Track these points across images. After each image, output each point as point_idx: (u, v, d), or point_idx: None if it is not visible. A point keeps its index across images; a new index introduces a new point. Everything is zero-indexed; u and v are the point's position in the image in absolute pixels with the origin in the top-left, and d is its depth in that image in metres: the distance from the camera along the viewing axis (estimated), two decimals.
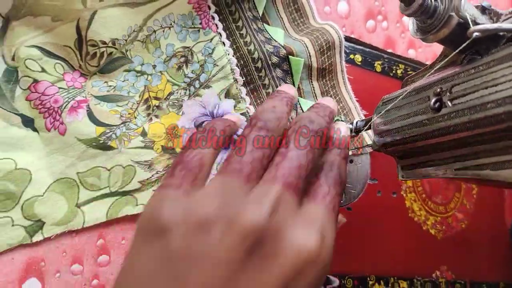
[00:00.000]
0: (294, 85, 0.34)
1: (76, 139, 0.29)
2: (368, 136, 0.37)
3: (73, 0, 0.27)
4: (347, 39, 0.40)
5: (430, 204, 0.41)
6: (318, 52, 0.34)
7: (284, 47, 0.33)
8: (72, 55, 0.29)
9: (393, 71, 0.42)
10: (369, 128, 0.30)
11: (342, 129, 0.26)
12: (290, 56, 0.33)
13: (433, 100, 0.24)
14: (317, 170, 0.23)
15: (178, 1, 0.31)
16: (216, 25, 0.32)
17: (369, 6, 0.43)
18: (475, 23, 0.22)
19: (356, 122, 0.32)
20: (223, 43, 0.32)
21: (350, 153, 0.36)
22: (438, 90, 0.24)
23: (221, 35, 0.33)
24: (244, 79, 0.32)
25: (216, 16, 0.32)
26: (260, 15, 0.34)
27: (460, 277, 0.41)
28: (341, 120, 0.32)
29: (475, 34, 0.21)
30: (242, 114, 0.32)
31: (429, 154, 0.26)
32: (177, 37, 0.31)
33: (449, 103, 0.23)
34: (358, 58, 0.40)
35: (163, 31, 0.31)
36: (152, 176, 0.30)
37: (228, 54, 0.32)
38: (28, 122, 0.28)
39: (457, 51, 0.23)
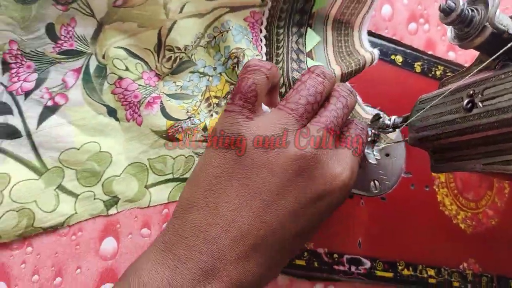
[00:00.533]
0: None
1: (150, 130, 0.33)
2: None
3: (158, 12, 0.31)
4: (389, 40, 0.43)
5: (461, 200, 0.44)
6: (345, 75, 0.36)
7: None
8: (151, 57, 0.33)
9: (432, 72, 0.44)
10: (407, 125, 0.33)
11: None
12: None
13: (466, 101, 0.27)
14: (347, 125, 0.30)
15: (236, 13, 0.34)
16: (262, 47, 0.35)
17: (412, 9, 0.45)
18: (508, 33, 0.25)
19: (394, 119, 0.35)
20: None
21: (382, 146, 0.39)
22: (471, 92, 0.26)
23: (262, 57, 0.36)
24: None
25: (263, 40, 0.35)
26: (307, 51, 0.36)
27: (487, 270, 0.43)
28: (381, 117, 0.35)
29: None
30: None
31: (460, 150, 0.29)
32: (234, 39, 0.35)
33: (480, 104, 0.26)
34: (399, 58, 0.43)
35: (222, 35, 0.35)
36: None
37: None
38: (112, 112, 0.33)
39: (491, 59, 0.26)
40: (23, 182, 0.29)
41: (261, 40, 0.35)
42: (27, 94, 0.30)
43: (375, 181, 0.40)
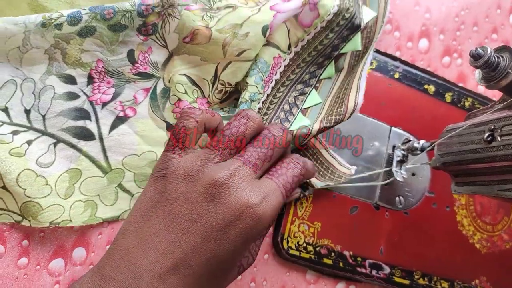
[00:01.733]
0: None
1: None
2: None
3: (218, 51, 0.35)
4: (424, 71, 0.47)
5: (479, 222, 0.47)
6: (322, 130, 0.36)
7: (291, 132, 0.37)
8: (206, 86, 0.37)
9: (461, 103, 0.48)
10: (432, 148, 0.37)
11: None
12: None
13: (486, 134, 0.31)
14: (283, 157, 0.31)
15: (268, 48, 0.37)
16: (269, 87, 0.38)
17: (447, 45, 0.49)
18: None
19: (422, 143, 0.40)
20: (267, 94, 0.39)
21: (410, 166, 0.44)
22: (492, 127, 0.31)
23: (263, 96, 0.38)
24: None
25: (274, 82, 0.38)
26: (303, 108, 0.39)
27: None
28: (410, 140, 0.40)
29: None
30: None
31: (479, 175, 0.33)
32: (249, 73, 0.37)
33: (499, 138, 0.30)
34: (431, 88, 0.47)
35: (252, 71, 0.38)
36: None
37: (259, 101, 0.38)
38: (170, 128, 0.37)
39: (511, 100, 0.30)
40: (91, 178, 0.34)
41: (271, 82, 0.38)
42: (104, 104, 0.35)
43: (400, 197, 0.44)
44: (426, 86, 0.47)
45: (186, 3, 0.34)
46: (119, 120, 0.36)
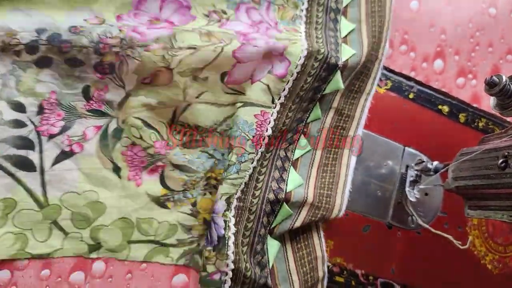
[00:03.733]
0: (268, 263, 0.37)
1: (145, 192, 0.36)
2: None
3: (178, 94, 0.35)
4: (438, 91, 0.48)
5: (491, 243, 0.47)
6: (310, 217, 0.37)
7: (286, 192, 0.37)
8: (163, 129, 0.37)
9: (475, 123, 0.48)
10: (446, 170, 0.38)
11: None
12: (284, 204, 0.37)
13: (500, 160, 0.31)
14: None
15: (247, 108, 0.37)
16: (261, 145, 0.37)
17: (462, 66, 0.50)
18: None
19: (435, 164, 0.40)
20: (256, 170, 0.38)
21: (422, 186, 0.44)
22: (506, 153, 0.31)
23: (256, 155, 0.37)
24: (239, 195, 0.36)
25: (267, 138, 0.37)
26: (292, 158, 0.39)
27: None
28: (424, 161, 0.40)
29: None
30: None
31: (491, 200, 0.33)
32: (234, 135, 0.37)
33: None
34: (445, 108, 0.48)
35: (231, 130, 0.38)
36: (188, 238, 0.37)
37: (253, 160, 0.37)
38: (116, 170, 0.37)
39: None
40: (26, 210, 0.34)
41: (263, 139, 0.37)
42: (51, 137, 0.35)
43: (413, 217, 0.45)
44: (440, 106, 0.47)
45: (145, 44, 0.35)
46: (64, 155, 0.35)
